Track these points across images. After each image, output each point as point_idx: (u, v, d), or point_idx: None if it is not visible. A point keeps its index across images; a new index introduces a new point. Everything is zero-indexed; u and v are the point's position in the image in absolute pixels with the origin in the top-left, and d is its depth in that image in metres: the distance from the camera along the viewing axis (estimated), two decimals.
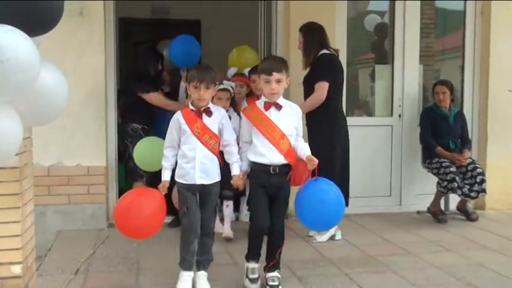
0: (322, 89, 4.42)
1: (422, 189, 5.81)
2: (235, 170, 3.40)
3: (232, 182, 3.41)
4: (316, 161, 3.24)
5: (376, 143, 5.84)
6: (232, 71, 5.56)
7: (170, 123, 3.40)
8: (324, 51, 4.55)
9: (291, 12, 5.38)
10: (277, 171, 3.30)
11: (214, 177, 3.38)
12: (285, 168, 3.33)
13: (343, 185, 4.55)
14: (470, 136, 5.74)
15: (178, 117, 3.35)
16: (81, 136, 4.89)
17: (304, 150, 3.35)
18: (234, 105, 4.72)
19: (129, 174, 5.17)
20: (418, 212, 5.68)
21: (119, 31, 5.78)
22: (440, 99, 5.50)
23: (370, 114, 6.28)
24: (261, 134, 3.29)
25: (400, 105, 5.92)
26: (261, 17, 5.82)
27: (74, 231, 4.83)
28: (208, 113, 3.33)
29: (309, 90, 4.54)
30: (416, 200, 5.84)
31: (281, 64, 3.34)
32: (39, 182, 4.13)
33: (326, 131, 4.47)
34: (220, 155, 3.45)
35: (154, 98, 5.11)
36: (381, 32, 6.30)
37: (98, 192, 4.98)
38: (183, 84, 5.26)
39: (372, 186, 5.81)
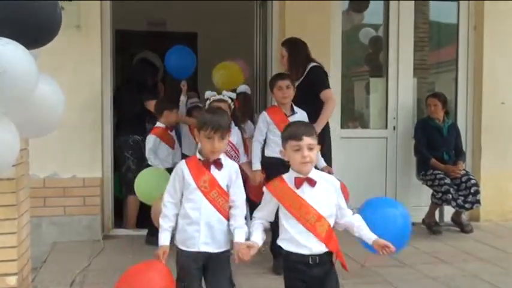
0: (331, 95, 4.54)
1: (417, 201, 5.82)
2: (239, 236, 2.67)
3: (234, 250, 2.67)
4: (393, 248, 2.61)
5: (371, 155, 5.87)
6: (242, 88, 5.32)
7: (172, 173, 2.81)
8: (314, 63, 4.62)
9: (287, 29, 5.39)
10: (318, 260, 2.60)
11: (222, 244, 2.72)
12: (328, 256, 2.65)
13: None
14: (464, 148, 5.78)
15: (182, 167, 2.75)
16: (77, 147, 4.90)
17: (364, 229, 2.71)
18: (234, 118, 4.67)
19: (126, 186, 5.18)
20: (412, 224, 5.67)
21: (115, 44, 5.82)
22: (431, 111, 5.56)
23: (365, 126, 6.32)
24: (293, 217, 2.60)
25: (394, 118, 5.95)
26: (257, 34, 5.88)
27: (69, 243, 4.82)
28: (218, 165, 2.74)
29: (302, 103, 4.58)
30: (411, 212, 5.72)
31: (310, 128, 2.74)
32: (34, 193, 4.13)
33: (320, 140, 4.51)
34: None
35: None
36: (376, 45, 6.36)
37: (93, 204, 4.98)
38: (183, 98, 5.23)
39: (366, 198, 5.79)
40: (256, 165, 4.14)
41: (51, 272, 4.05)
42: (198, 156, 2.77)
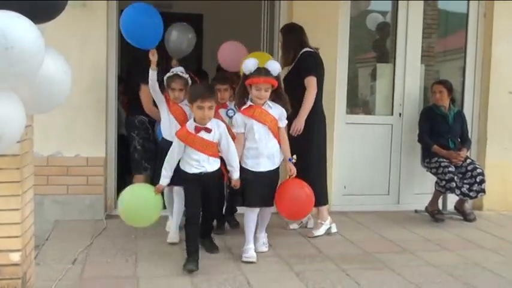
0: (313, 83, 4.50)
1: (421, 188, 5.82)
2: None
3: None
4: None
5: (376, 141, 5.85)
6: (250, 64, 3.97)
7: None
8: (306, 49, 4.59)
9: (294, 13, 5.35)
10: None
11: None
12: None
13: (320, 180, 4.60)
14: (470, 136, 5.74)
15: None
16: (81, 126, 4.89)
17: None
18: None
19: (133, 166, 5.14)
20: (416, 211, 5.68)
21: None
22: (437, 98, 5.52)
23: (370, 112, 6.28)
24: None
25: (400, 104, 5.92)
26: (264, 17, 5.82)
27: (71, 222, 4.82)
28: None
29: (291, 88, 4.54)
30: (414, 199, 5.84)
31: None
32: (38, 171, 4.10)
33: (307, 124, 4.50)
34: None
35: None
36: (383, 31, 6.30)
37: (96, 183, 4.97)
38: (151, 72, 4.37)
39: (371, 185, 5.83)
40: None
41: (53, 250, 4.06)
42: None
